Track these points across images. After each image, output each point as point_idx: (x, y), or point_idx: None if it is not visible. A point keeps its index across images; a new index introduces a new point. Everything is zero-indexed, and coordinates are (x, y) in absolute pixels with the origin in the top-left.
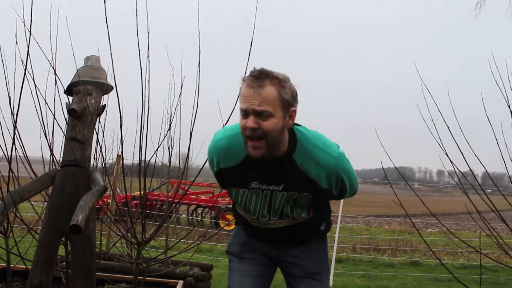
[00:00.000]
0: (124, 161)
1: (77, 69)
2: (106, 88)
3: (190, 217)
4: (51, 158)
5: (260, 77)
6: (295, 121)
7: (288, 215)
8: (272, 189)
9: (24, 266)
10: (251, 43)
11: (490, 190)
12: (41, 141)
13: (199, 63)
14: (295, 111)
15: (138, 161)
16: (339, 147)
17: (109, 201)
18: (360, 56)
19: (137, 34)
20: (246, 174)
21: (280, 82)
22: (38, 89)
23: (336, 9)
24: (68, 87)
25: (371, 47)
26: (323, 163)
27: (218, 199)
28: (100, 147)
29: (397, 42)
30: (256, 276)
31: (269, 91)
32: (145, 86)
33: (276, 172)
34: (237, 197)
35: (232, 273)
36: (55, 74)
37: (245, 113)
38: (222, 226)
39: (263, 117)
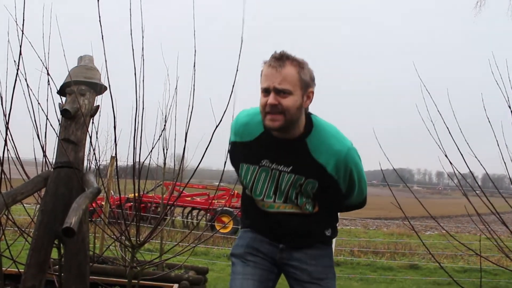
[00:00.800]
0: (118, 162)
1: (70, 69)
2: (100, 89)
3: (185, 220)
4: (44, 159)
5: (281, 58)
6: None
7: (292, 200)
8: (281, 169)
9: (17, 270)
10: (241, 41)
11: (476, 191)
12: (33, 142)
13: (194, 63)
14: (312, 92)
15: (132, 163)
16: (352, 144)
17: (103, 203)
18: (358, 56)
19: (131, 34)
20: (259, 151)
21: (299, 64)
22: (31, 90)
23: (336, 10)
24: (61, 87)
25: (369, 48)
26: (335, 150)
27: (213, 201)
28: (94, 148)
29: (394, 42)
30: (258, 280)
31: (289, 71)
32: (139, 86)
33: (287, 153)
34: (246, 174)
35: (234, 276)
36: (48, 74)
37: (266, 91)
38: (217, 228)
39: (283, 94)
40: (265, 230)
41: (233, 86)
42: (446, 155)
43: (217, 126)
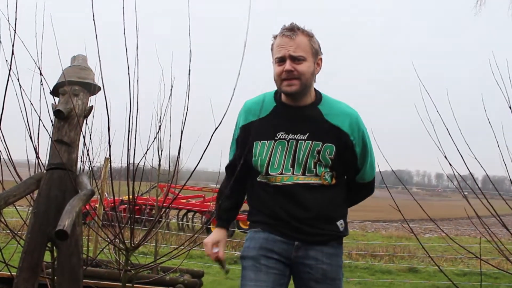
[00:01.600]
0: (112, 164)
1: (63, 69)
2: (94, 89)
3: (180, 222)
4: (37, 161)
5: (292, 29)
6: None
7: (311, 170)
8: (297, 138)
9: (9, 273)
10: (245, 45)
11: (476, 193)
12: (26, 143)
13: (189, 63)
14: (321, 60)
15: (126, 164)
16: None
17: (97, 205)
18: (354, 53)
19: (124, 33)
20: (274, 124)
21: (309, 33)
22: (23, 90)
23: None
24: (54, 87)
25: (367, 44)
26: (346, 112)
27: (209, 203)
28: (87, 149)
29: (392, 41)
30: (271, 287)
31: (302, 39)
32: (133, 86)
33: (302, 120)
34: (262, 151)
35: (245, 282)
36: (41, 74)
37: (281, 59)
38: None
39: (298, 61)
40: (280, 217)
41: (234, 89)
42: (445, 157)
43: (216, 128)
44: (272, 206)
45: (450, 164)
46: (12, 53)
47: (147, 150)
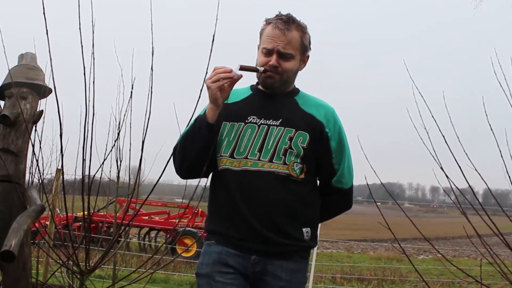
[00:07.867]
0: (65, 176)
1: (9, 69)
2: (44, 91)
3: (142, 242)
4: None
5: (288, 22)
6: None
7: (279, 157)
8: (269, 123)
9: None
10: (213, 38)
11: (477, 209)
12: None
13: (152, 62)
14: (308, 57)
15: (81, 176)
16: None
17: (47, 223)
18: (344, 50)
19: (80, 28)
20: (246, 108)
21: (303, 29)
22: None
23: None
24: None
25: (356, 42)
26: (322, 104)
27: (174, 220)
28: (37, 159)
29: (386, 38)
30: None
31: (294, 36)
32: (89, 88)
33: (276, 107)
34: (230, 132)
35: None
36: None
37: (269, 52)
38: (179, 252)
39: (285, 58)
40: (240, 217)
41: (201, 90)
42: (441, 168)
43: (181, 135)
44: (232, 200)
45: (447, 177)
46: None
47: (104, 160)
